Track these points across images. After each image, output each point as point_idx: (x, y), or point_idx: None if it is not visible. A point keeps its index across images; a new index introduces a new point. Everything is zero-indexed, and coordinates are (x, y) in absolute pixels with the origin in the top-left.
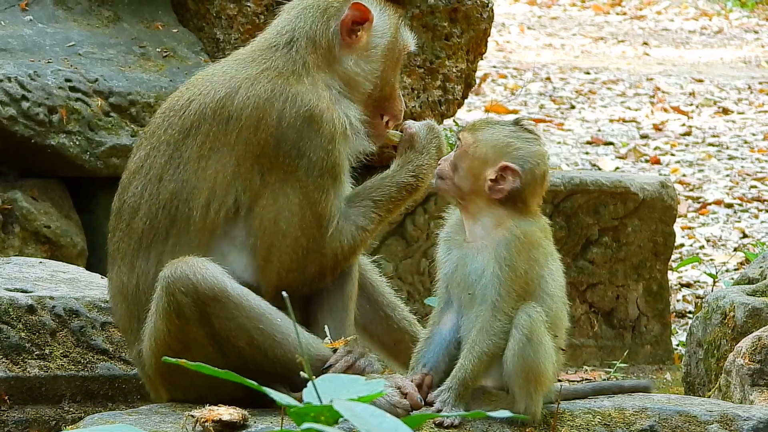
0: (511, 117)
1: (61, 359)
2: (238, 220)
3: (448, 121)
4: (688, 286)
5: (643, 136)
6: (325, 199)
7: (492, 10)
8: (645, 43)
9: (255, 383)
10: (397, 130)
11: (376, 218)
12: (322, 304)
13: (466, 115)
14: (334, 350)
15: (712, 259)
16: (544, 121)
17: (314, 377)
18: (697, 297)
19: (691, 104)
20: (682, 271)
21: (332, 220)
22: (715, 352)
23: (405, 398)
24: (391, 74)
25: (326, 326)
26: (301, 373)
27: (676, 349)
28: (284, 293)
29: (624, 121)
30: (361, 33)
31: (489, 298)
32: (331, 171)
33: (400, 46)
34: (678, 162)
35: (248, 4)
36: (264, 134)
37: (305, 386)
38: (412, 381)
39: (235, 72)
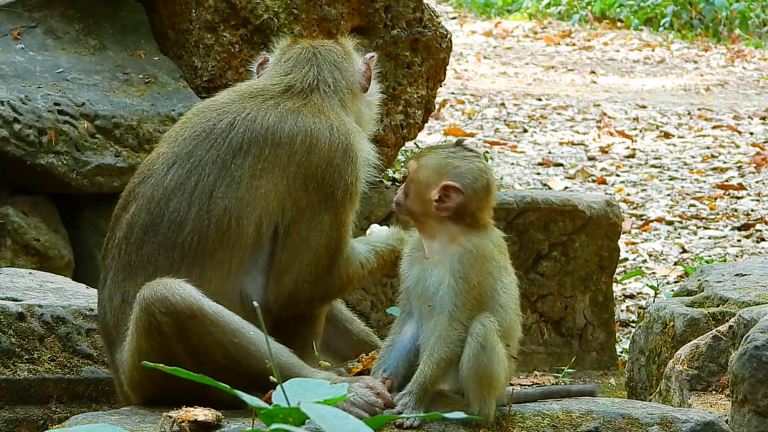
0: (468, 140)
1: (48, 363)
2: (278, 236)
3: (409, 144)
4: (631, 297)
5: (591, 158)
6: (348, 222)
7: (450, 41)
8: (593, 72)
9: (228, 386)
10: None
11: (373, 262)
12: (295, 323)
13: (426, 138)
14: (327, 369)
15: (653, 273)
16: (498, 143)
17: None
18: (640, 308)
19: (635, 129)
20: (625, 284)
21: (347, 245)
22: (656, 359)
23: (378, 397)
24: (377, 117)
25: (314, 343)
26: (271, 377)
27: (620, 356)
28: (255, 303)
29: (573, 144)
30: (370, 82)
31: (446, 308)
32: (355, 197)
33: (379, 87)
34: (623, 182)
35: (224, 34)
36: (316, 158)
37: (274, 390)
38: None
39: (274, 103)
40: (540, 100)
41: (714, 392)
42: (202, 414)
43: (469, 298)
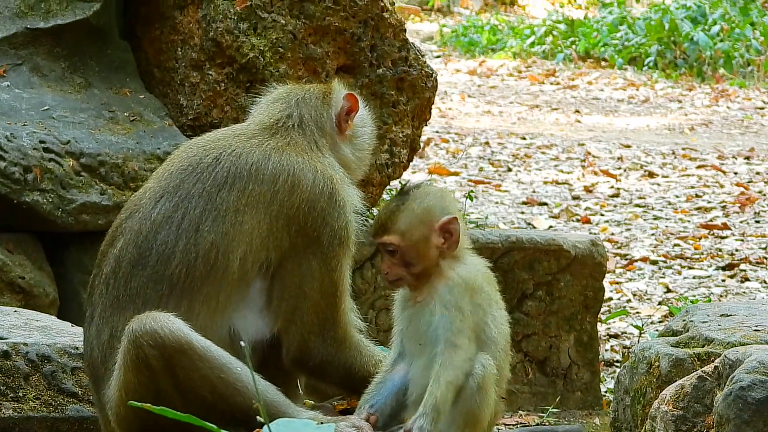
0: (453, 178)
1: (33, 401)
2: (267, 277)
3: (394, 182)
4: (615, 337)
5: (575, 197)
6: (340, 269)
7: (436, 80)
8: (577, 111)
9: (214, 426)
10: None
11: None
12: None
13: (411, 176)
14: (312, 407)
15: (638, 312)
16: (483, 182)
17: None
18: (625, 347)
19: (620, 168)
20: (610, 323)
21: (346, 296)
22: (641, 399)
23: None
24: (369, 160)
25: (298, 381)
26: (258, 417)
27: (605, 396)
28: (242, 342)
29: (557, 183)
30: (350, 122)
31: (442, 337)
32: (346, 243)
33: (374, 131)
34: (607, 221)
35: (210, 72)
36: (298, 199)
37: (261, 430)
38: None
39: (258, 141)
40: (524, 139)
41: None
42: None
43: (465, 325)
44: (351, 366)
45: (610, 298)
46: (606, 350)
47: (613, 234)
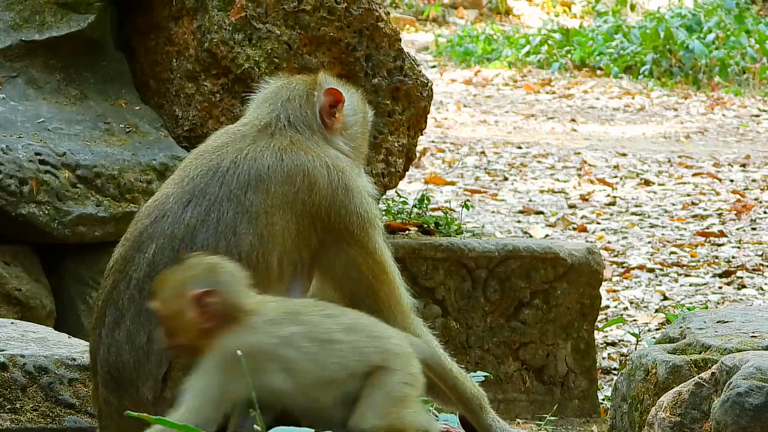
0: (449, 188)
1: (31, 413)
2: (302, 276)
3: (390, 192)
4: (612, 344)
5: (571, 206)
6: (379, 248)
7: (431, 89)
8: (573, 120)
9: None
10: None
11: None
12: None
13: (407, 186)
14: None
15: (635, 320)
16: (479, 192)
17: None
18: (622, 355)
19: (616, 176)
20: (607, 331)
21: (394, 270)
22: (638, 406)
23: None
24: (366, 147)
25: None
26: (255, 426)
27: (602, 404)
28: (239, 351)
29: (553, 192)
30: (338, 115)
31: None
32: (375, 223)
33: (368, 117)
34: (603, 230)
35: (205, 83)
36: (317, 197)
37: None
38: None
39: (265, 143)
40: (520, 148)
41: None
42: None
43: (193, 388)
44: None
45: (607, 306)
46: (603, 358)
47: (609, 242)
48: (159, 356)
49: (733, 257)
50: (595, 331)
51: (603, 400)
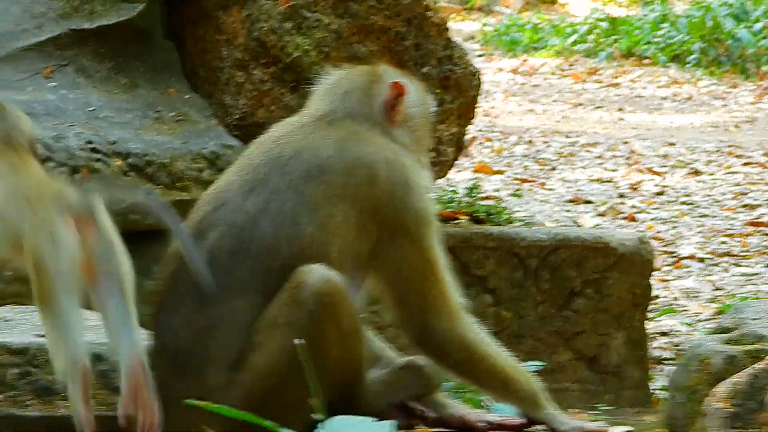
0: (498, 177)
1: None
2: (360, 270)
3: (440, 181)
4: (664, 334)
5: (620, 195)
6: (432, 247)
7: (480, 78)
8: (620, 109)
9: (271, 423)
10: None
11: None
12: None
13: (455, 175)
14: None
15: (686, 310)
16: (528, 181)
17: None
18: (673, 345)
19: (665, 165)
20: (658, 321)
21: (445, 270)
22: (693, 396)
23: None
24: (429, 138)
25: None
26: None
27: (654, 393)
28: (296, 341)
29: (602, 181)
30: (399, 107)
31: None
32: (430, 222)
33: (429, 109)
34: (653, 219)
35: (255, 72)
36: (378, 191)
37: (315, 428)
38: None
39: (325, 133)
40: (568, 137)
41: (752, 430)
42: None
43: None
44: (468, 343)
45: (658, 296)
46: (655, 348)
47: (659, 232)
48: (221, 342)
49: None
50: (647, 321)
51: (655, 390)
